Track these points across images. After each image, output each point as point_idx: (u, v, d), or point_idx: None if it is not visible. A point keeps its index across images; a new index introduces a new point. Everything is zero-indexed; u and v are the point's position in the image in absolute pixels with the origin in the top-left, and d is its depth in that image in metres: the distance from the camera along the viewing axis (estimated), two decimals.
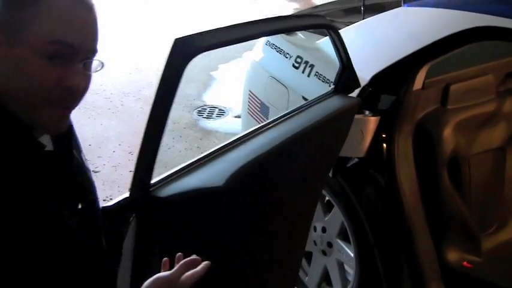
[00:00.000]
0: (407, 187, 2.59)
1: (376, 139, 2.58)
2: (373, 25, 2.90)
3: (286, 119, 2.08)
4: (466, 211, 2.74)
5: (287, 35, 3.13)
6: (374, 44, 2.82)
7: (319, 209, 2.94)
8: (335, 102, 2.26)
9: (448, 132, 2.65)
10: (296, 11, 4.12)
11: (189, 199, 1.59)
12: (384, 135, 2.58)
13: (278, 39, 3.19)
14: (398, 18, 2.79)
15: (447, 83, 2.74)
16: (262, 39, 3.38)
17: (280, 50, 3.11)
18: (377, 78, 2.62)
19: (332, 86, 2.36)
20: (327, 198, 2.90)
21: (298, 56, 2.96)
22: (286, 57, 3.04)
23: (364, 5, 3.21)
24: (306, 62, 2.90)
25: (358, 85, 2.39)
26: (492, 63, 2.95)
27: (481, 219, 2.89)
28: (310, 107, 2.19)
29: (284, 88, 3.01)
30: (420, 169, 2.64)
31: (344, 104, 2.26)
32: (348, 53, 2.25)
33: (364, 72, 2.65)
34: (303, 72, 2.89)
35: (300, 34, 3.22)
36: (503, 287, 2.63)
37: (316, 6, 4.17)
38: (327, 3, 4.11)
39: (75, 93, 1.14)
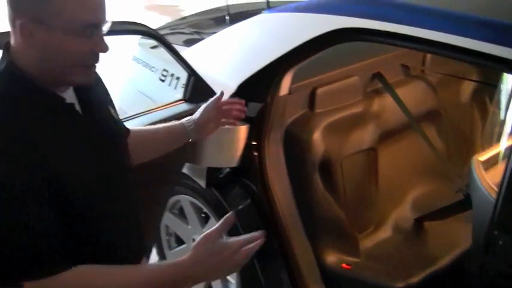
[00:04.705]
0: (281, 193, 2.57)
1: (247, 148, 2.55)
2: (236, 33, 2.87)
3: (128, 119, 2.20)
4: (341, 213, 2.75)
5: (152, 48, 3.06)
6: (239, 52, 2.79)
7: (196, 221, 2.88)
8: (178, 109, 2.30)
9: (317, 136, 2.66)
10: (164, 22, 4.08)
11: None
12: (254, 143, 2.55)
13: (144, 53, 3.11)
14: (260, 25, 2.76)
15: (313, 87, 2.75)
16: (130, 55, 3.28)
17: (146, 64, 3.03)
18: (244, 86, 2.59)
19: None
20: (203, 209, 2.84)
21: (164, 69, 2.89)
22: (153, 71, 2.97)
23: (229, 14, 3.19)
24: (172, 75, 2.84)
25: (212, 93, 2.35)
26: (357, 64, 2.98)
27: (358, 220, 2.91)
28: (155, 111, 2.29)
29: (152, 102, 2.94)
30: (293, 174, 2.64)
31: (183, 111, 2.28)
32: (186, 61, 2.27)
33: (231, 80, 2.63)
34: (169, 85, 2.83)
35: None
36: (382, 286, 2.64)
37: (185, 18, 4.10)
38: (194, 14, 4.05)
39: (103, 54, 1.49)
